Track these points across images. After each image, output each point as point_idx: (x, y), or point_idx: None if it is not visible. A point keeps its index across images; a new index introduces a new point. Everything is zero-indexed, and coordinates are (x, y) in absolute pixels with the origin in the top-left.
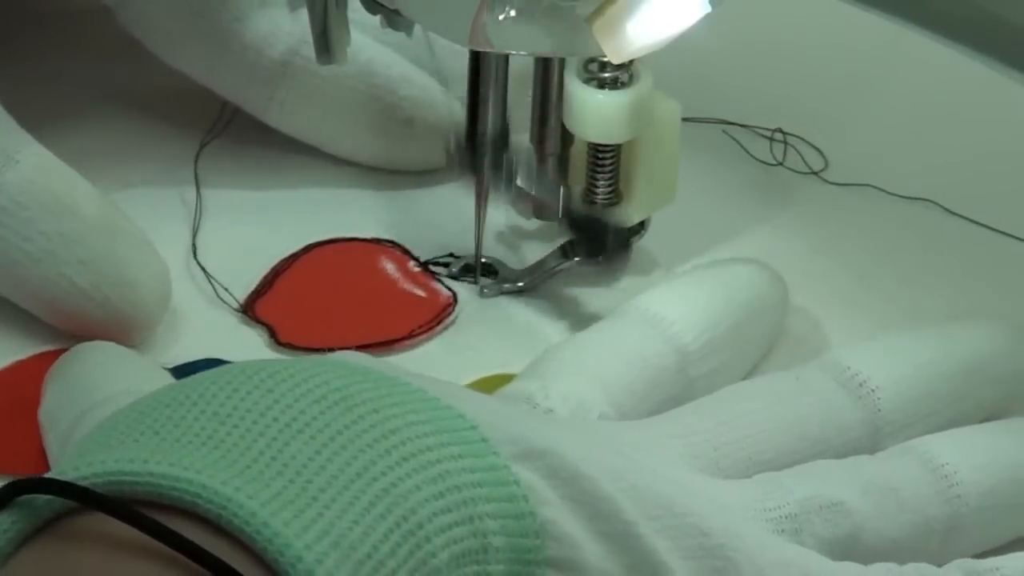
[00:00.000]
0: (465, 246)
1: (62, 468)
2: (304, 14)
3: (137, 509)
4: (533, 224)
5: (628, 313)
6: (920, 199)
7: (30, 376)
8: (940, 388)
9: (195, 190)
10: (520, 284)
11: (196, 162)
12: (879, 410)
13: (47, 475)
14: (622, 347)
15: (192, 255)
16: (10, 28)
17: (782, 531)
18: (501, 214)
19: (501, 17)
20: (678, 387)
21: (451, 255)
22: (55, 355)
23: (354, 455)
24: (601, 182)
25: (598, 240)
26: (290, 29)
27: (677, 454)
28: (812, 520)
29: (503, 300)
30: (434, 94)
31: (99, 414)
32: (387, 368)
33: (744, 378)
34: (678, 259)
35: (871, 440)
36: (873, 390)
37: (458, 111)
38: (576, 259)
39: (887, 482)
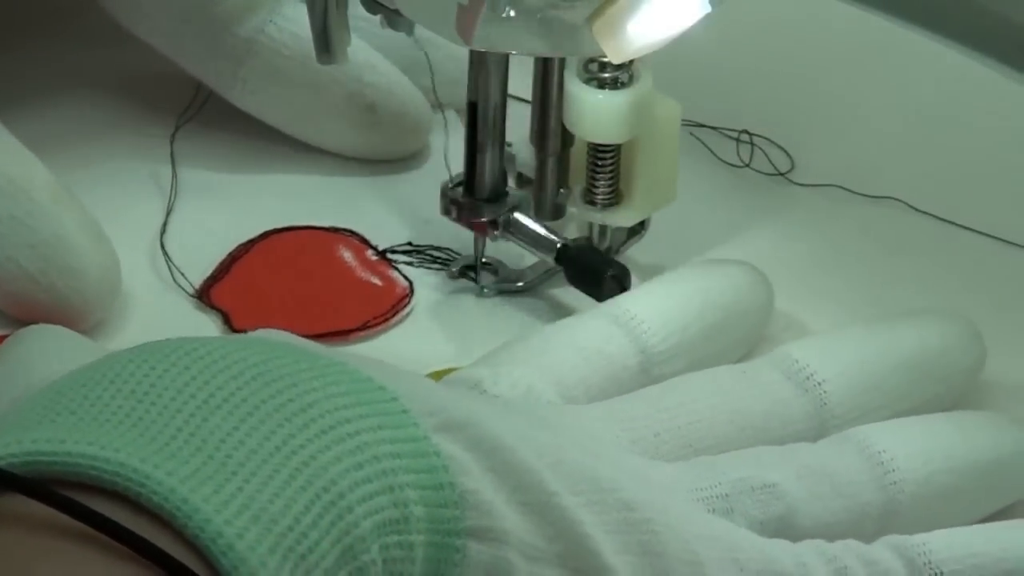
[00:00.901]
0: (426, 236)
1: None
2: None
3: (54, 489)
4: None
5: (598, 310)
6: (887, 197)
7: None
8: (887, 382)
9: (170, 172)
10: (519, 284)
11: (172, 144)
12: (825, 403)
13: None
14: (583, 341)
15: (159, 237)
16: None
17: (713, 510)
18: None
19: (502, 16)
20: (639, 386)
21: (409, 243)
22: (0, 339)
23: (272, 429)
24: (601, 182)
25: (595, 281)
26: (265, 10)
27: (615, 436)
28: (744, 500)
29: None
30: (398, 82)
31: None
32: (309, 345)
33: None
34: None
35: (816, 433)
36: (820, 383)
37: (420, 100)
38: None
39: (822, 467)
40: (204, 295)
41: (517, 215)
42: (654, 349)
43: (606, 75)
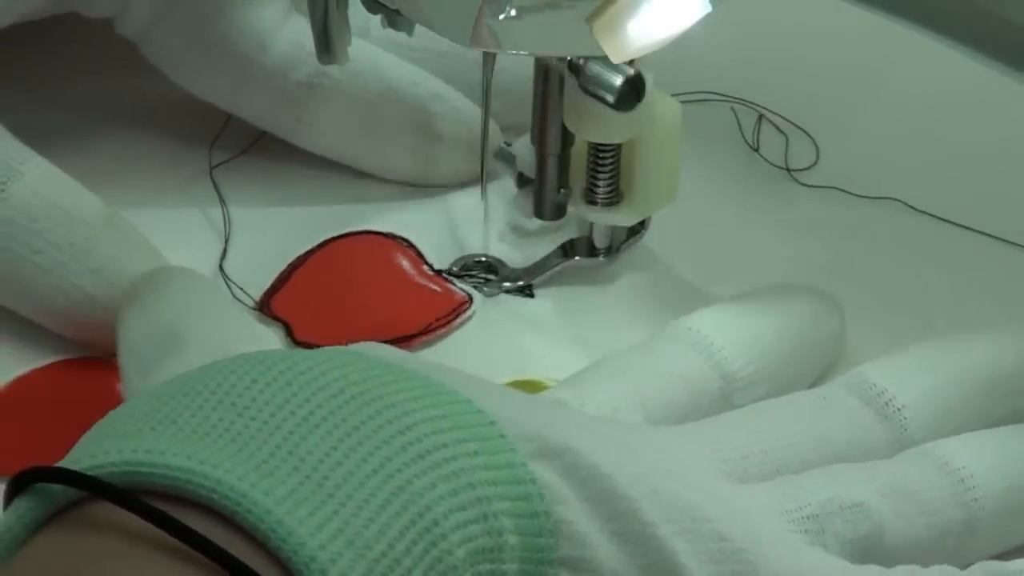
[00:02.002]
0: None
1: (79, 455)
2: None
3: (148, 502)
4: (534, 224)
5: (678, 333)
6: (887, 198)
7: (47, 384)
8: (967, 403)
9: (214, 200)
10: (521, 283)
11: (212, 175)
12: (906, 429)
13: (64, 463)
14: (666, 366)
15: (219, 262)
16: (13, 49)
17: (805, 531)
18: (502, 214)
19: (501, 16)
20: (718, 411)
21: (463, 260)
22: (74, 363)
23: (370, 451)
24: (602, 182)
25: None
26: (312, 49)
27: (705, 456)
28: (833, 520)
29: (515, 302)
30: (465, 110)
31: (185, 355)
32: (407, 361)
33: None
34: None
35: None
36: (899, 409)
37: (491, 126)
38: (576, 258)
39: (904, 485)
40: (265, 306)
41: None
42: (735, 375)
43: None
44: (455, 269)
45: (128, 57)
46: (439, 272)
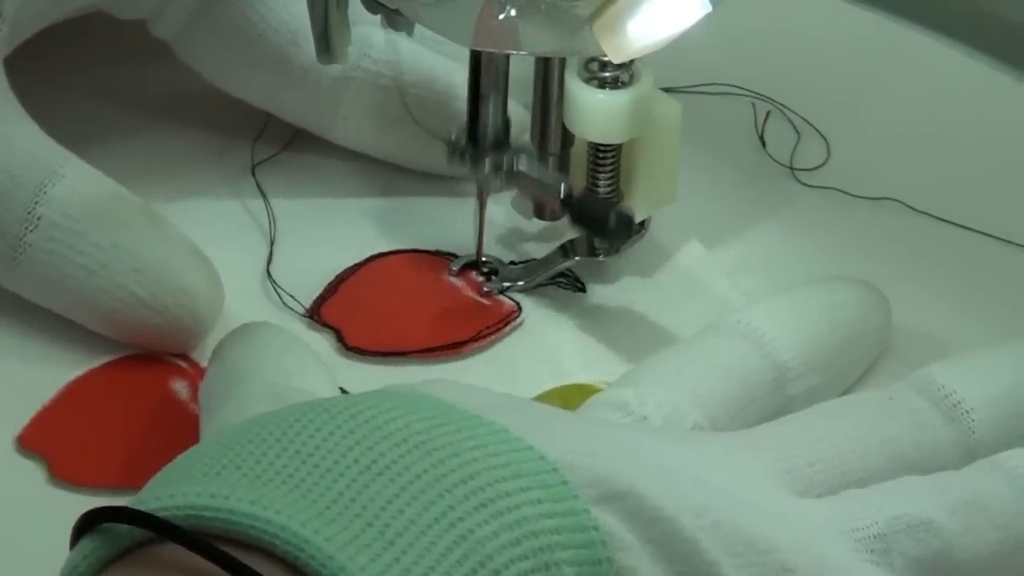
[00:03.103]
0: (522, 253)
1: (146, 497)
2: (356, 24)
3: (214, 544)
4: (533, 224)
5: (728, 327)
6: (886, 198)
7: (99, 386)
8: None
9: (257, 203)
10: (521, 284)
11: (255, 174)
12: (973, 432)
13: (131, 504)
14: (720, 360)
15: (266, 266)
16: (48, 43)
17: (871, 551)
18: (502, 214)
19: (501, 17)
20: (774, 404)
21: (512, 262)
22: (123, 363)
23: (432, 499)
24: (602, 182)
25: (602, 226)
26: (353, 45)
27: (771, 467)
28: (901, 539)
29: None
30: None
31: (241, 400)
32: (471, 398)
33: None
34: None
35: (963, 461)
36: (968, 411)
37: (521, 114)
38: (577, 258)
39: (975, 499)
40: (315, 314)
41: (521, 166)
42: (788, 365)
43: (607, 75)
44: (454, 269)
45: (164, 51)
46: (487, 275)
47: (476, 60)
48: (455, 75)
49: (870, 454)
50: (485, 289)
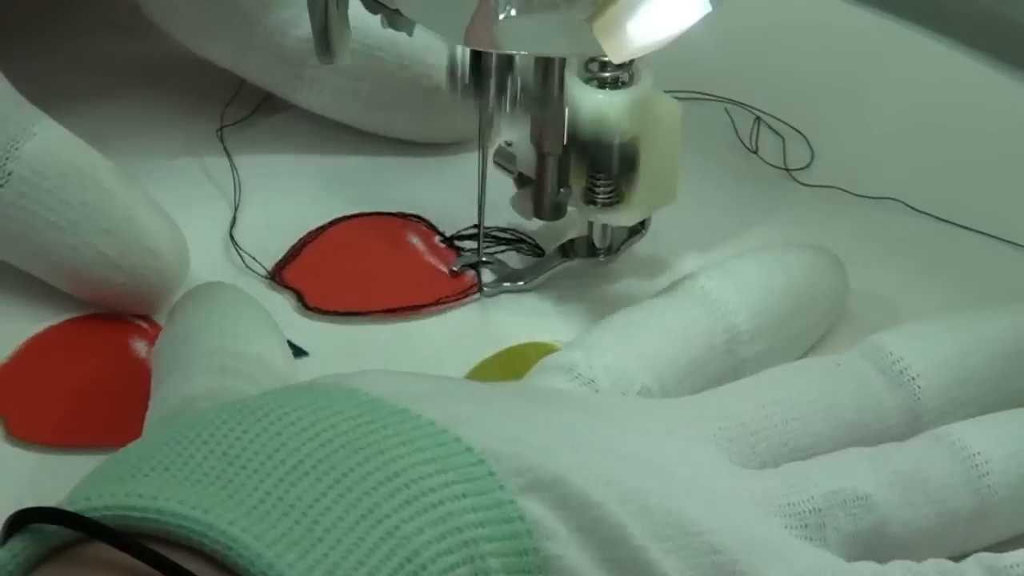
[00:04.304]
0: (491, 217)
1: (74, 498)
2: None
3: (144, 543)
4: (534, 224)
5: (682, 289)
6: (887, 198)
7: (58, 344)
8: (980, 374)
9: (222, 165)
10: (521, 283)
11: (222, 139)
12: (919, 398)
13: (58, 505)
14: (671, 323)
15: (229, 229)
16: (18, 10)
17: (806, 526)
18: (502, 214)
19: (501, 16)
20: (725, 367)
21: (475, 226)
22: (83, 321)
23: (359, 497)
24: (601, 182)
25: (605, 159)
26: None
27: (713, 437)
28: (836, 515)
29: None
30: None
31: (188, 368)
32: (404, 388)
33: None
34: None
35: (909, 427)
36: (914, 378)
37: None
38: (577, 258)
39: (915, 472)
40: (277, 276)
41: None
42: (740, 328)
43: (606, 75)
44: (455, 268)
45: (133, 15)
46: (450, 241)
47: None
48: (418, 38)
49: (815, 421)
50: (454, 268)
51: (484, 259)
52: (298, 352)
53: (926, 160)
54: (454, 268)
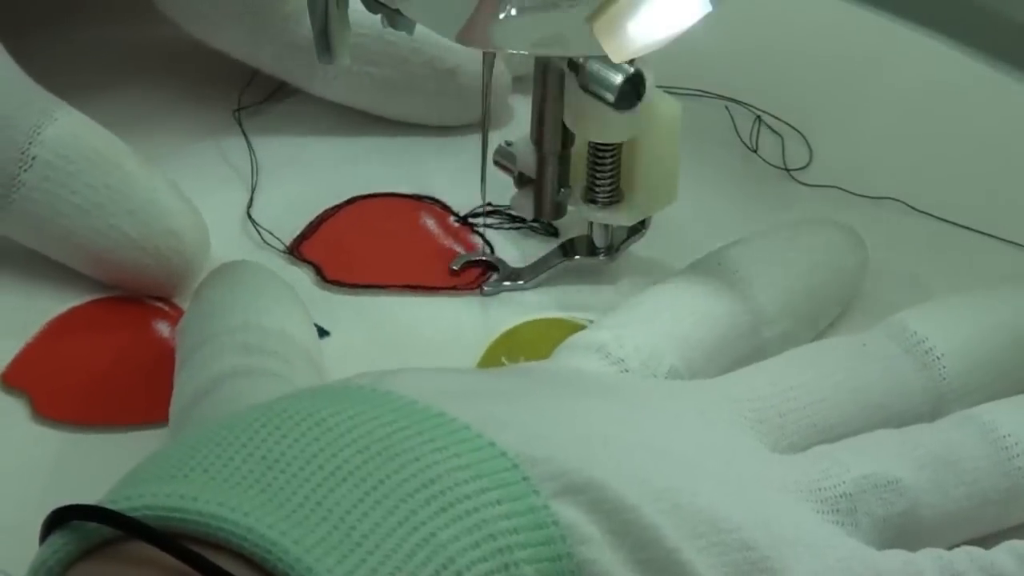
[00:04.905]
0: (504, 196)
1: (115, 496)
2: None
3: (185, 544)
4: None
5: (707, 269)
6: (887, 198)
7: (81, 324)
8: (1005, 354)
9: (239, 146)
10: (521, 282)
11: (240, 121)
12: (944, 378)
13: (99, 502)
14: (698, 303)
15: (247, 208)
16: (31, 4)
17: (837, 511)
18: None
19: (502, 16)
20: (750, 347)
21: (489, 204)
22: (105, 303)
23: (396, 504)
24: (602, 182)
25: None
26: None
27: (743, 419)
28: (867, 499)
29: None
30: None
31: (213, 345)
32: (437, 386)
33: (813, 340)
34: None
35: (933, 406)
36: (939, 358)
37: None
38: (577, 257)
39: (946, 454)
40: (295, 251)
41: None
42: (765, 308)
43: None
44: (455, 268)
45: (146, 4)
46: (464, 219)
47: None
48: None
49: (842, 403)
50: (454, 267)
51: (484, 258)
52: (321, 333)
53: (926, 160)
54: (454, 267)
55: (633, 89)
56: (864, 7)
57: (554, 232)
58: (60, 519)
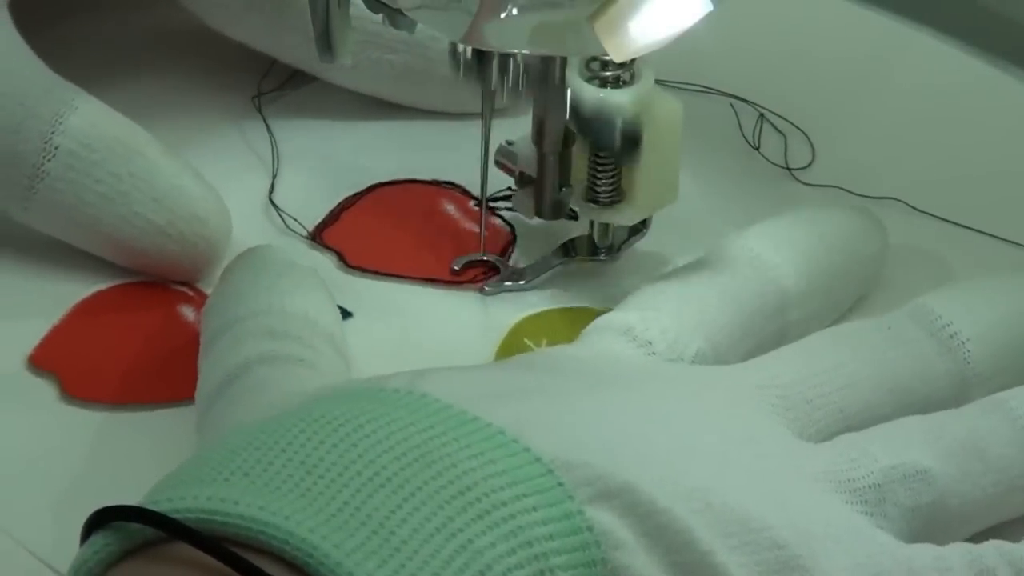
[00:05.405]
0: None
1: (157, 498)
2: None
3: (228, 547)
4: (535, 222)
5: (731, 252)
6: (887, 197)
7: (107, 306)
8: None
9: (263, 133)
10: (522, 282)
11: (259, 107)
12: (968, 362)
13: (142, 503)
14: (724, 286)
15: (269, 194)
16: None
17: (865, 501)
18: (502, 214)
19: (502, 15)
20: (773, 330)
21: (509, 188)
22: (129, 286)
23: (433, 510)
24: (602, 181)
25: (607, 132)
26: None
27: (771, 406)
28: (896, 490)
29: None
30: None
31: (238, 330)
32: (471, 388)
33: (834, 323)
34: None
35: (957, 390)
36: (963, 342)
37: None
38: (578, 257)
39: (973, 442)
40: (317, 237)
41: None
42: (789, 291)
43: (608, 74)
44: (455, 268)
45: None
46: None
47: None
48: None
49: (869, 388)
50: (455, 267)
51: (485, 258)
52: (344, 315)
53: (927, 160)
54: (455, 267)
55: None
56: (872, 8)
57: (574, 217)
58: (102, 519)
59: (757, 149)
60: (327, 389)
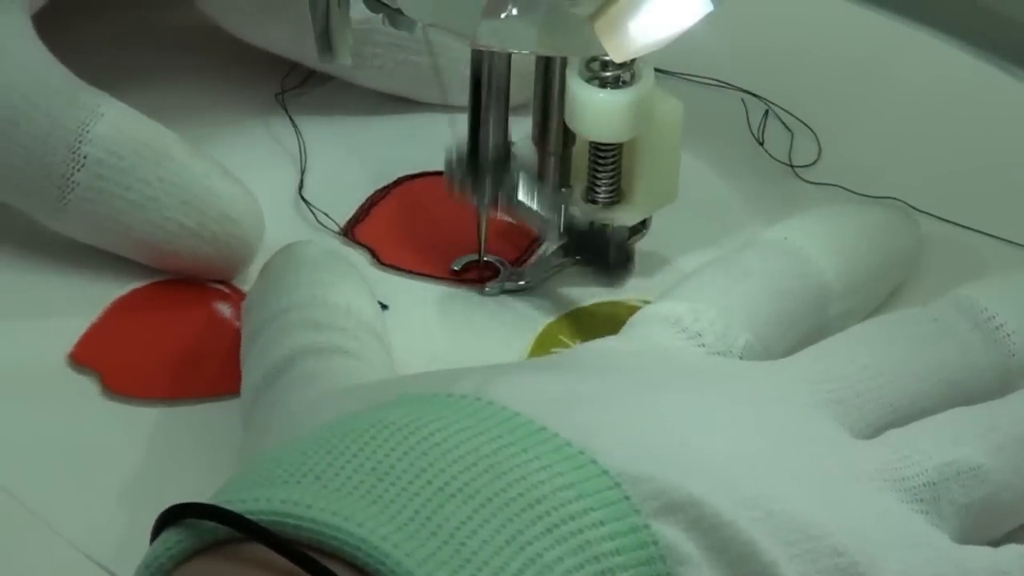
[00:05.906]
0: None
1: (230, 498)
2: None
3: (302, 549)
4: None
5: (772, 245)
6: (887, 197)
7: (145, 304)
8: None
9: (289, 128)
10: (522, 283)
11: (284, 103)
12: (1013, 355)
13: (216, 502)
14: (769, 278)
15: (298, 189)
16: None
17: (920, 499)
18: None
19: (503, 15)
20: (815, 324)
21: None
22: (166, 284)
23: (503, 523)
24: (602, 181)
25: (601, 254)
26: None
27: (822, 400)
28: (950, 487)
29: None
30: None
31: (282, 322)
32: (537, 395)
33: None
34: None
35: (1001, 382)
36: (1009, 335)
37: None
38: (578, 258)
39: (1023, 433)
40: (349, 233)
41: (520, 196)
42: (831, 285)
43: (608, 74)
44: (455, 268)
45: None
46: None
47: (476, 81)
48: None
49: (917, 380)
50: (455, 268)
51: (484, 258)
52: (381, 307)
53: (928, 160)
54: (455, 268)
55: (624, 260)
56: (872, 8)
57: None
58: (175, 516)
59: (761, 144)
60: (386, 387)
